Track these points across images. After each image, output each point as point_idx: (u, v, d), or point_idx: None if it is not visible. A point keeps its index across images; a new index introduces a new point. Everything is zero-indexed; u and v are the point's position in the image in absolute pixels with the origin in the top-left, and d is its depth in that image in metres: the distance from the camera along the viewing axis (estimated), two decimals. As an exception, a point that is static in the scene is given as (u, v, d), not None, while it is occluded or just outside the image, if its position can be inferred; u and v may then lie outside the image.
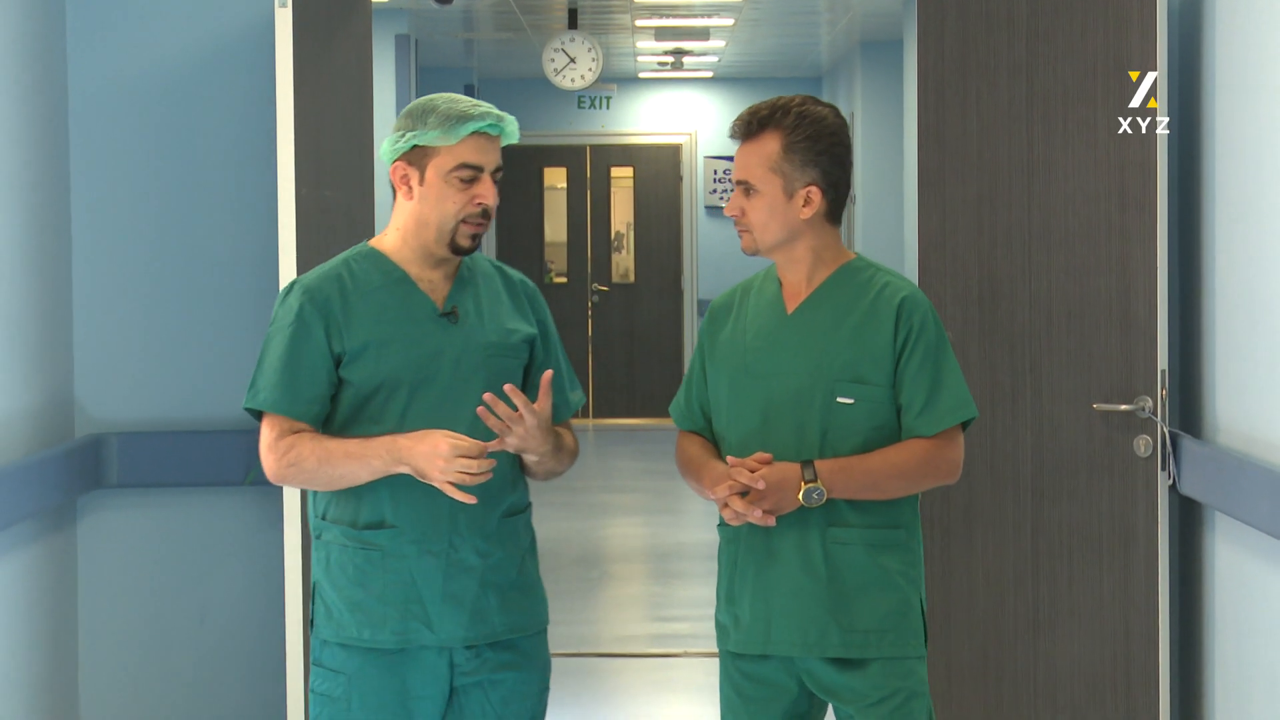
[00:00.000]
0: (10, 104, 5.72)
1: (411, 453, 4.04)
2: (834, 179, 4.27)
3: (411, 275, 4.21)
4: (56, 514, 6.05)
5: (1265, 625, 5.36)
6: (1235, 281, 5.64)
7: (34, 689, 5.86)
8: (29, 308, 5.84)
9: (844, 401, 4.22)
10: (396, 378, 4.14)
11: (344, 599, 4.16)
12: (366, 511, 4.15)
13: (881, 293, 4.28)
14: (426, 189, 4.16)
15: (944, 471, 4.26)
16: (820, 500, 4.15)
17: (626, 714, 7.93)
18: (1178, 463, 5.90)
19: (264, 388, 4.16)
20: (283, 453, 4.12)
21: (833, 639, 4.22)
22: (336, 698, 4.16)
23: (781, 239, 4.28)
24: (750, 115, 4.29)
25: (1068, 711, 6.00)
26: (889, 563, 4.25)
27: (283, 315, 4.18)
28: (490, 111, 4.18)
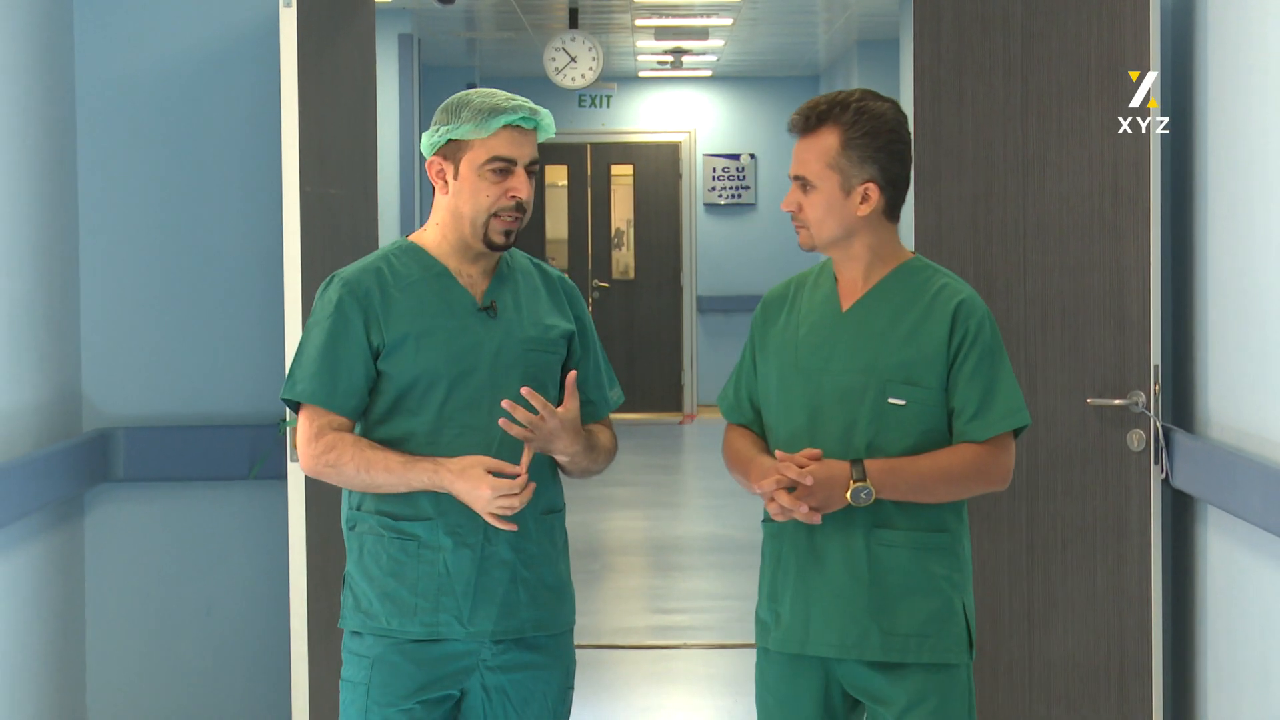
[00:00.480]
0: (18, 102, 5.72)
1: (454, 487, 4.02)
2: (892, 176, 4.14)
3: (451, 269, 4.18)
4: (64, 507, 6.06)
5: (1257, 617, 5.37)
6: (1227, 278, 5.64)
7: (42, 679, 5.86)
8: (37, 304, 5.85)
9: (895, 403, 4.11)
10: (435, 371, 4.10)
11: (376, 589, 4.12)
12: (405, 502, 4.11)
13: (939, 294, 4.16)
14: (461, 183, 4.12)
15: (994, 478, 4.14)
16: (868, 500, 4.03)
17: (626, 704, 7.93)
18: (1170, 457, 5.90)
19: (302, 379, 4.12)
20: (322, 451, 4.09)
21: (873, 642, 4.11)
22: (358, 682, 4.13)
23: (838, 235, 4.16)
24: (809, 110, 4.16)
25: (1062, 702, 6.01)
26: (933, 567, 4.13)
27: (322, 307, 4.15)
28: (524, 105, 4.15)
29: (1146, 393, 5.92)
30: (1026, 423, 4.14)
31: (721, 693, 8.04)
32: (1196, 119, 5.89)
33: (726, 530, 12.31)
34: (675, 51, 16.98)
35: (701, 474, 15.95)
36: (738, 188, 19.50)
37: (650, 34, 15.77)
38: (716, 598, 10.15)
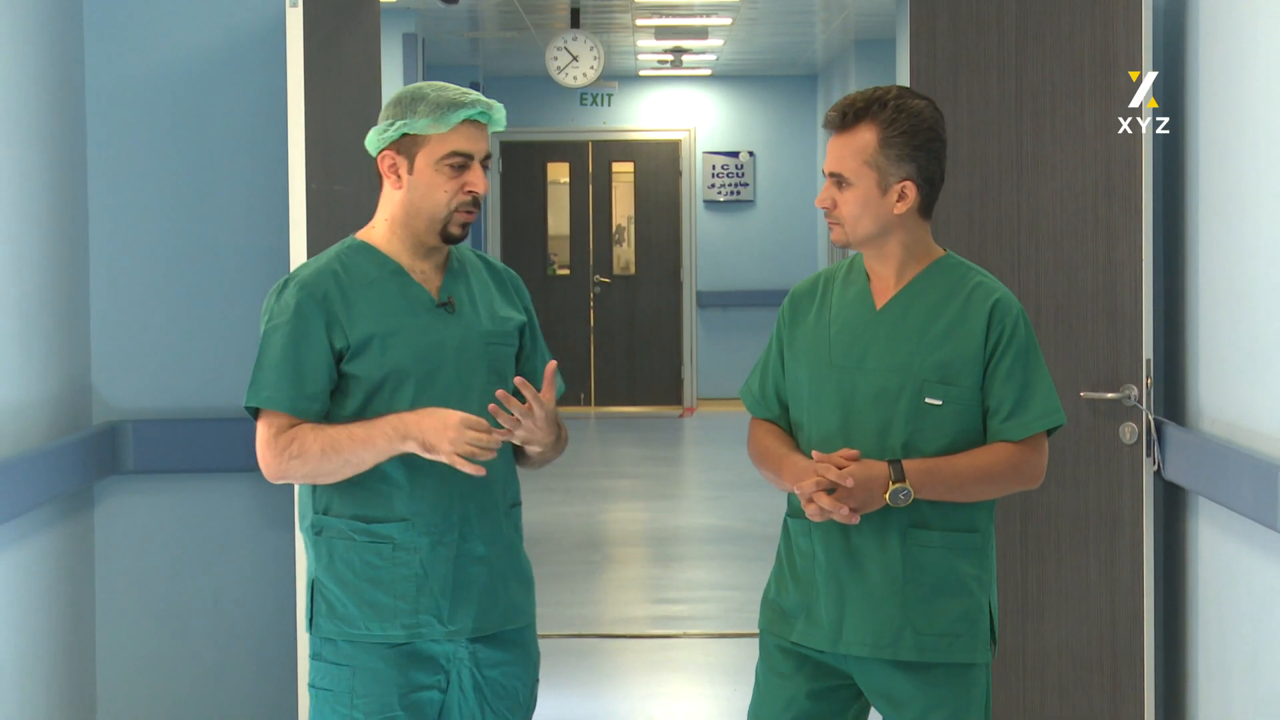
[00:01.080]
0: (29, 101, 5.73)
1: (419, 427, 3.91)
2: (929, 174, 4.07)
3: (404, 267, 4.09)
4: (74, 499, 6.06)
5: (1247, 606, 5.37)
6: (1218, 274, 5.64)
7: (53, 668, 5.87)
8: (48, 299, 5.85)
9: (932, 403, 4.03)
10: (403, 370, 4.01)
11: (351, 594, 4.02)
12: (377, 504, 4.02)
13: (974, 293, 4.09)
14: (416, 177, 4.03)
15: (1028, 477, 4.09)
16: (907, 501, 3.97)
17: (627, 693, 7.93)
18: (1162, 449, 5.90)
19: (265, 385, 4.01)
20: (284, 447, 3.98)
21: (907, 641, 4.05)
22: (340, 691, 4.03)
23: (874, 233, 4.08)
24: (846, 106, 4.08)
25: (1056, 690, 6.01)
26: (965, 567, 4.08)
27: (279, 312, 4.03)
28: (480, 99, 4.06)
29: (1139, 386, 5.92)
30: (1062, 422, 4.09)
31: (720, 681, 8.05)
32: (1188, 117, 5.89)
33: (726, 521, 12.31)
34: (675, 51, 16.98)
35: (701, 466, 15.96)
36: (737, 185, 19.50)
37: (651, 33, 15.77)
38: (716, 588, 10.15)
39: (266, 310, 4.07)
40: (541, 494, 13.66)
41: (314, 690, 4.07)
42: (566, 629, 9.07)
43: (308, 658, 4.12)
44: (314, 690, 4.07)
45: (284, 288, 4.05)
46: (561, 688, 7.92)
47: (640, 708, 7.67)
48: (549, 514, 12.76)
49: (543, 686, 7.13)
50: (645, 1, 13.73)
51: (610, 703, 7.74)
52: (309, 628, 4.09)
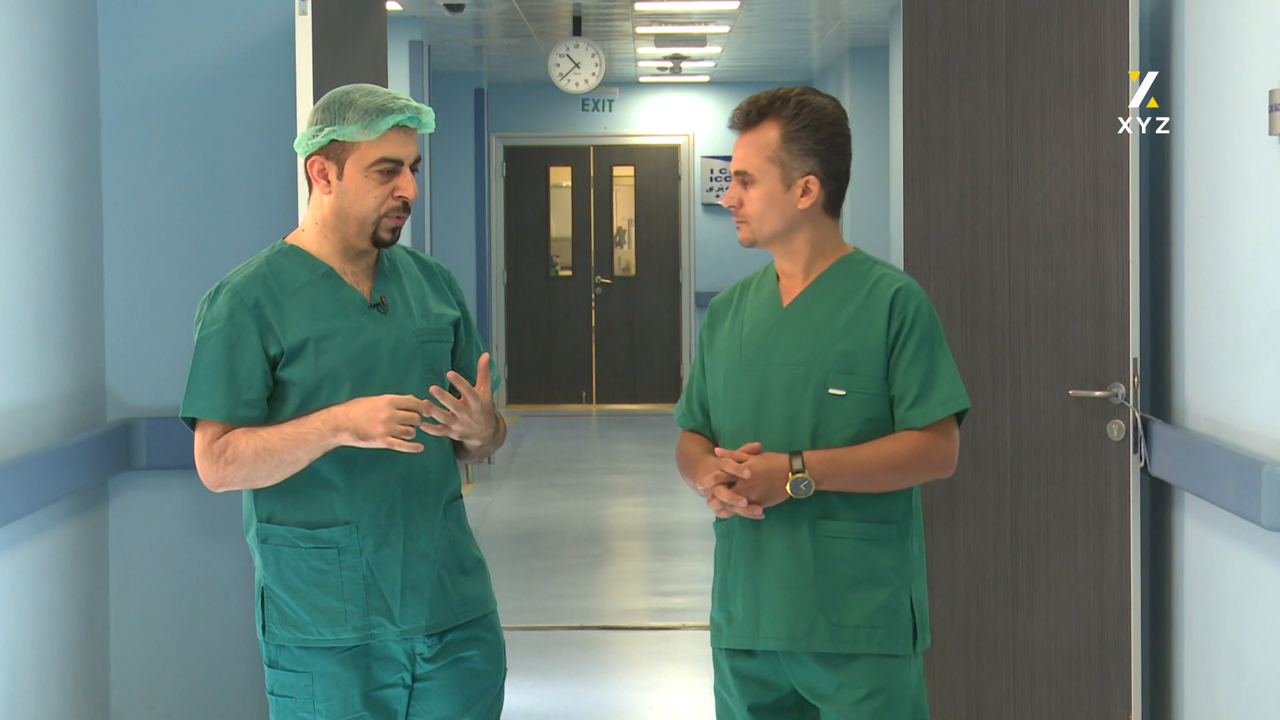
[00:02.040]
0: (45, 107, 5.73)
1: (348, 416, 3.81)
2: (833, 169, 4.02)
3: (336, 269, 3.97)
4: (89, 494, 6.06)
5: (1231, 598, 5.37)
6: (1203, 275, 5.64)
7: (68, 656, 5.87)
8: (64, 301, 5.85)
9: (835, 393, 3.96)
10: (338, 373, 3.90)
11: (300, 600, 3.92)
12: (319, 510, 3.92)
13: (877, 284, 4.02)
14: (346, 183, 3.91)
15: (937, 464, 3.99)
16: (809, 491, 3.90)
17: (628, 683, 7.93)
18: (1149, 445, 5.90)
19: (200, 394, 3.91)
20: (218, 454, 3.88)
21: (821, 633, 3.96)
22: (300, 698, 3.93)
23: (779, 230, 4.03)
24: (750, 105, 4.03)
25: (1045, 681, 6.01)
26: (880, 558, 3.98)
27: (212, 320, 3.93)
28: (409, 104, 3.95)
29: (1126, 384, 5.92)
30: (965, 406, 4.00)
31: (718, 672, 8.04)
32: (1174, 122, 5.88)
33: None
34: (674, 58, 16.98)
35: (700, 462, 15.94)
36: (734, 188, 19.47)
37: (650, 41, 15.77)
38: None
39: (199, 318, 3.97)
40: (544, 489, 13.67)
41: (274, 698, 3.98)
42: (569, 621, 9.07)
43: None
44: (274, 698, 3.98)
45: (215, 295, 3.96)
46: (564, 678, 7.93)
47: (641, 698, 7.68)
48: (551, 509, 12.77)
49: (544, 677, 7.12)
50: (645, 10, 13.72)
51: (611, 693, 7.74)
52: (261, 635, 3.99)
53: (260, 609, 3.98)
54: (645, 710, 7.48)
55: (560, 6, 13.63)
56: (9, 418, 5.37)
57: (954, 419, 4.02)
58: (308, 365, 3.90)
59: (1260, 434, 5.07)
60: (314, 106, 3.97)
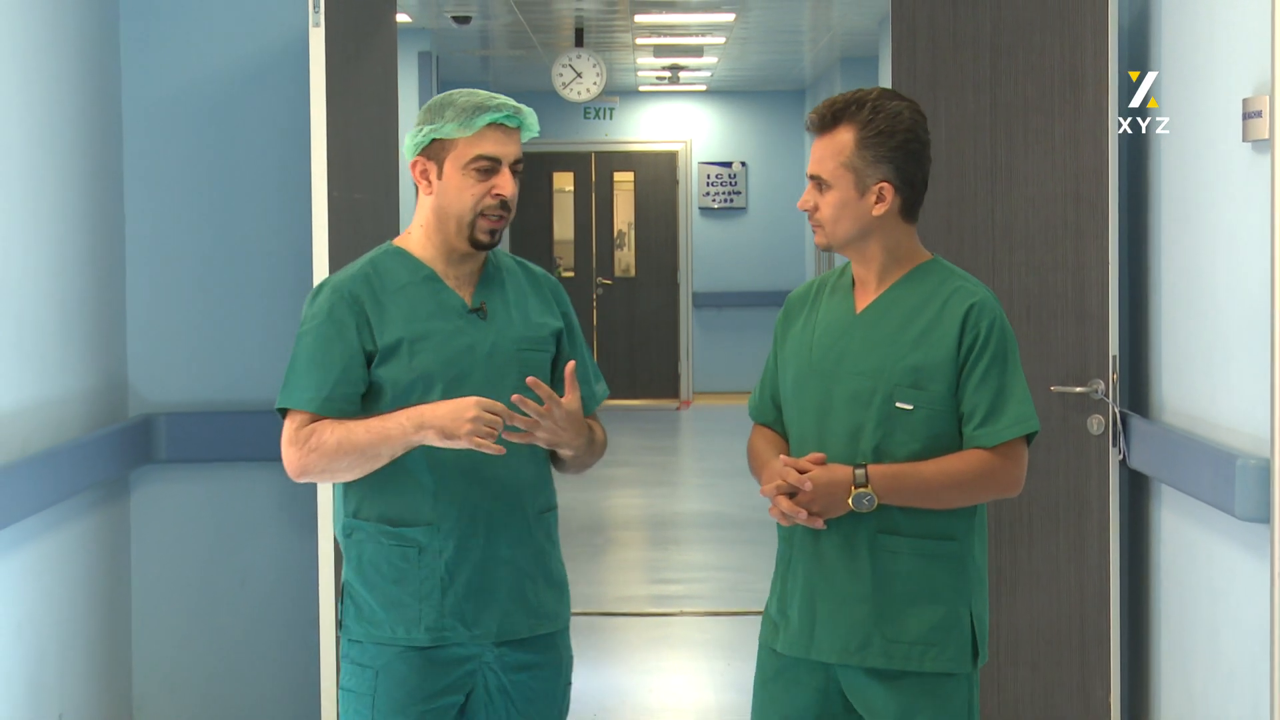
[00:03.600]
0: (70, 114, 5.73)
1: (434, 415, 3.67)
2: (908, 176, 3.78)
3: (438, 273, 3.84)
4: (111, 487, 6.06)
5: (1206, 585, 5.37)
6: (1180, 276, 5.64)
7: (91, 642, 5.87)
8: (87, 300, 5.85)
9: (903, 407, 3.72)
10: (431, 374, 3.76)
11: (378, 597, 3.78)
12: (404, 507, 3.78)
13: (951, 297, 3.77)
14: (445, 182, 3.80)
15: (1003, 485, 3.76)
16: (871, 506, 3.68)
17: (629, 667, 7.93)
18: (1127, 439, 5.90)
19: (297, 387, 3.77)
20: (303, 440, 3.74)
21: (875, 648, 3.74)
22: (362, 693, 3.79)
23: (853, 236, 3.78)
24: (826, 108, 3.78)
25: (1028, 664, 6.01)
26: (939, 575, 3.75)
27: (313, 315, 3.80)
28: (507, 103, 3.84)
29: (1105, 381, 5.92)
30: (1035, 429, 3.75)
31: (715, 656, 8.05)
32: (1152, 128, 5.88)
33: (720, 507, 12.31)
34: (673, 68, 16.98)
35: (697, 455, 15.96)
36: (730, 193, 19.49)
37: (650, 51, 15.77)
38: (711, 569, 10.15)
39: (304, 314, 3.86)
40: (548, 481, 13.65)
41: (342, 692, 3.86)
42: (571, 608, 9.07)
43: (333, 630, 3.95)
44: (342, 692, 3.86)
45: (319, 292, 3.85)
46: (566, 662, 7.93)
47: (640, 681, 7.68)
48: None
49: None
50: (645, 22, 13.72)
51: (613, 677, 7.74)
52: (339, 630, 3.89)
53: (340, 604, 3.88)
54: (645, 692, 7.48)
55: (563, 19, 13.63)
56: (35, 413, 5.37)
57: (1023, 440, 3.77)
58: (401, 365, 3.77)
59: (1234, 428, 5.07)
60: (419, 110, 3.87)
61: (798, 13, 13.48)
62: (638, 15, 13.32)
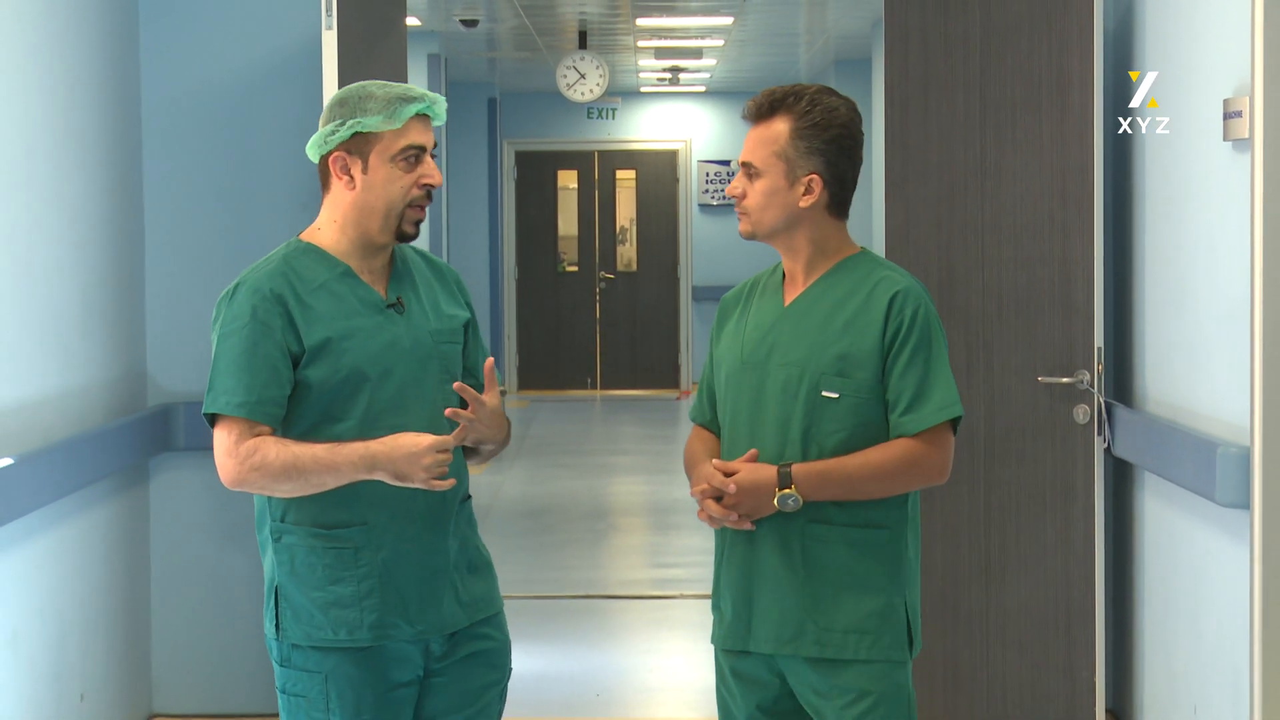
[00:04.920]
0: (91, 114, 5.73)
1: (390, 459, 3.51)
2: (839, 171, 3.68)
3: (354, 268, 3.66)
4: (131, 473, 6.06)
5: (1187, 569, 5.37)
6: (1162, 270, 5.64)
7: (112, 622, 5.87)
8: (108, 294, 5.85)
9: (829, 395, 3.62)
10: (359, 372, 3.58)
11: (315, 601, 3.60)
12: (335, 509, 3.59)
13: (877, 287, 3.68)
14: (372, 175, 3.61)
15: (928, 473, 3.65)
16: (796, 507, 3.60)
17: (630, 648, 7.93)
18: (1112, 428, 5.90)
19: (224, 390, 3.56)
20: (245, 456, 3.53)
21: (809, 638, 3.65)
22: (313, 698, 3.61)
23: (779, 226, 3.71)
24: (764, 98, 3.71)
25: (1015, 646, 6.01)
26: (871, 564, 3.65)
27: (233, 317, 3.59)
28: (426, 94, 3.66)
29: (1090, 372, 5.92)
30: (957, 415, 3.65)
31: (713, 637, 8.04)
32: (1135, 128, 5.88)
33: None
34: (673, 69, 16.97)
35: (696, 444, 15.94)
36: (728, 190, 19.48)
37: (651, 54, 15.76)
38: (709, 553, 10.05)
39: (217, 317, 3.64)
40: (552, 469, 13.66)
41: (286, 697, 3.66)
42: (574, 590, 9.07)
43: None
44: (286, 697, 3.66)
45: (234, 293, 3.63)
46: (570, 643, 7.93)
47: (641, 660, 7.68)
48: (559, 487, 12.76)
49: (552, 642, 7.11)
50: (646, 25, 13.71)
51: (614, 657, 7.74)
52: (274, 634, 3.66)
53: (273, 608, 3.66)
54: (645, 672, 7.48)
55: (567, 22, 13.62)
56: (58, 402, 5.37)
57: (948, 426, 3.67)
58: (329, 364, 3.58)
59: (1214, 417, 5.07)
60: (326, 106, 3.69)
61: (794, 16, 13.47)
62: (639, 18, 13.32)
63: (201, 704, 6.29)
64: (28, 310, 5.16)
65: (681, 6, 12.82)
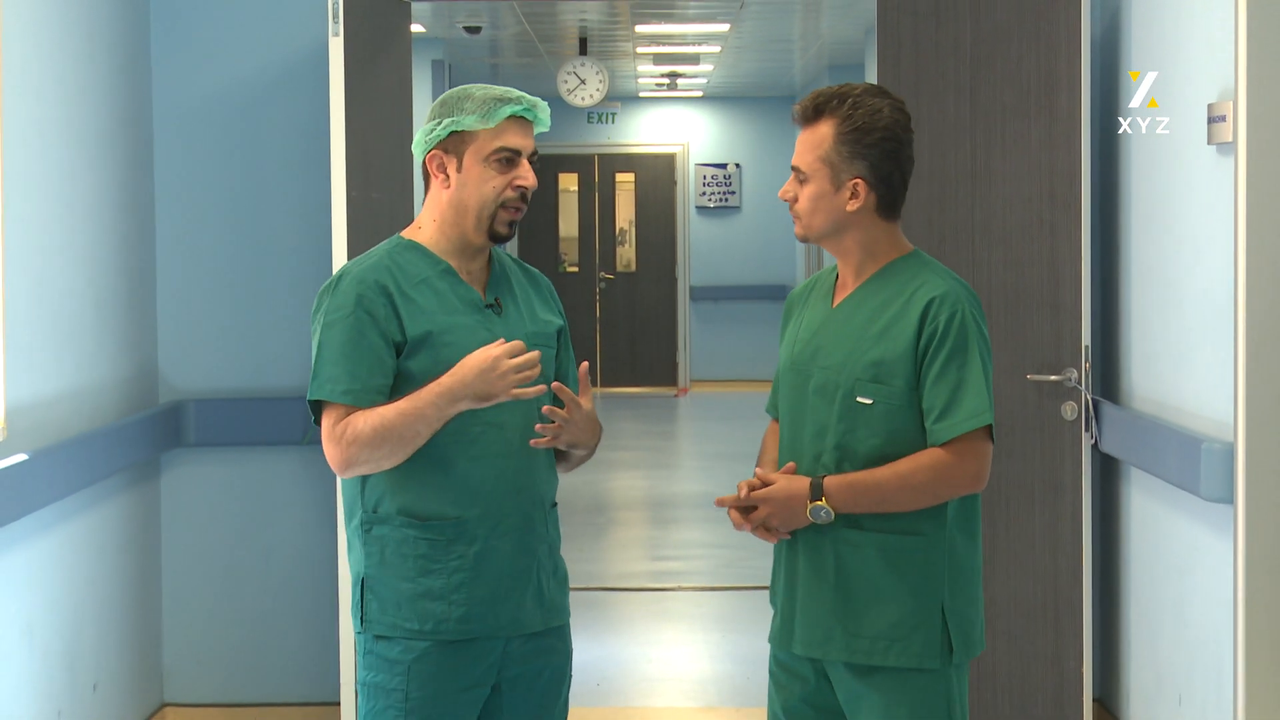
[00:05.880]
0: (104, 118, 5.73)
1: (464, 383, 3.47)
2: (884, 173, 3.58)
3: (454, 267, 3.62)
4: (143, 469, 6.07)
5: (1172, 561, 5.37)
6: (1148, 271, 5.64)
7: (125, 615, 5.87)
8: (120, 294, 5.85)
9: (863, 401, 3.52)
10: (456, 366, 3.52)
11: (403, 592, 3.55)
12: (430, 501, 3.55)
13: (917, 291, 3.56)
14: (465, 174, 3.58)
15: (959, 482, 3.51)
16: (828, 519, 3.50)
17: (629, 639, 7.94)
18: (1099, 425, 5.90)
19: (329, 379, 3.51)
20: (340, 436, 3.48)
21: (838, 643, 3.56)
22: (393, 689, 3.55)
23: (828, 230, 3.60)
24: (810, 101, 3.61)
25: (1005, 636, 6.01)
26: (904, 569, 3.53)
27: (337, 306, 3.54)
28: (524, 96, 3.65)
29: (1078, 369, 5.92)
30: (987, 423, 3.51)
31: (711, 629, 8.05)
32: (1121, 133, 5.88)
33: (716, 488, 12.30)
34: (671, 75, 16.97)
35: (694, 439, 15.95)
36: (725, 193, 19.48)
37: (649, 59, 15.76)
38: (707, 546, 10.15)
39: (319, 307, 3.58)
40: (553, 464, 13.64)
41: (366, 688, 3.60)
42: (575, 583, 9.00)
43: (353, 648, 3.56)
44: (366, 688, 3.60)
45: (338, 282, 3.57)
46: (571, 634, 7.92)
47: (641, 652, 7.68)
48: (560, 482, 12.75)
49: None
50: (645, 32, 13.71)
51: (614, 648, 7.74)
52: (358, 626, 3.61)
53: (360, 600, 3.59)
54: (644, 663, 7.48)
55: (568, 29, 13.62)
56: (72, 399, 5.37)
57: (983, 434, 3.52)
58: (429, 357, 3.52)
59: (1199, 414, 5.07)
60: (431, 106, 3.67)
61: (789, 23, 13.47)
62: (638, 25, 13.31)
63: (212, 694, 6.29)
64: (43, 310, 5.16)
65: (679, 14, 12.82)
